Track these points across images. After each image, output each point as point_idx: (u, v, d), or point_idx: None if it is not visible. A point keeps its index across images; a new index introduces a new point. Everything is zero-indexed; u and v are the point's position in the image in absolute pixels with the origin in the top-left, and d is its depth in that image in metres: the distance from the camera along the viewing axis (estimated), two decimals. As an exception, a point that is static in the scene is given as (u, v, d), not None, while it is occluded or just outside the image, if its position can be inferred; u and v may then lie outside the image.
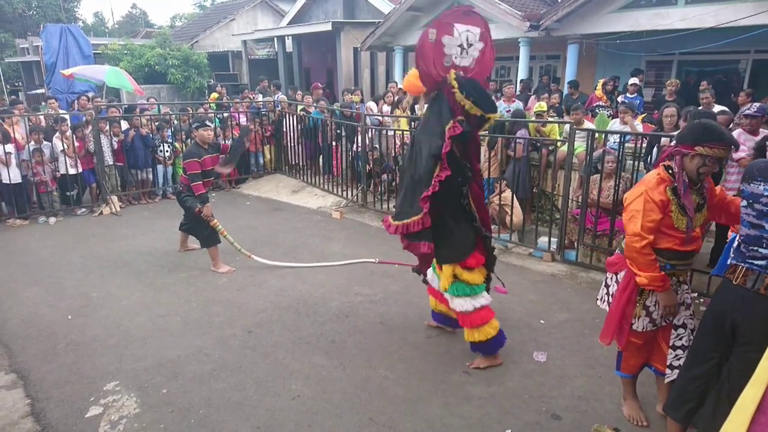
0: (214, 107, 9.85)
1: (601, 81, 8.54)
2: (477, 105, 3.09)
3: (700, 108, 5.62)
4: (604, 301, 2.92)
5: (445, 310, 3.69)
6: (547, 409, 3.04)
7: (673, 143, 2.58)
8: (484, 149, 6.36)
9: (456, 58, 3.14)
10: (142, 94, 10.87)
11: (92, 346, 3.79)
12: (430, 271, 3.75)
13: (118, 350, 3.72)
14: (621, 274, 2.75)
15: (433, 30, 3.06)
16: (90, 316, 4.26)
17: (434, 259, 3.55)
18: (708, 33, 8.18)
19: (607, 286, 2.90)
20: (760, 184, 2.10)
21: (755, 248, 2.14)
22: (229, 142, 6.74)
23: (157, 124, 8.16)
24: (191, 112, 9.14)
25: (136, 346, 3.78)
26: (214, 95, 11.11)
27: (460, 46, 3.13)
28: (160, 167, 8.20)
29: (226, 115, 9.12)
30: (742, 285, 2.17)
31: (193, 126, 5.73)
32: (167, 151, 8.14)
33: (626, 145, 5.13)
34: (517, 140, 6.08)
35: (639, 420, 2.88)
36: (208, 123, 5.27)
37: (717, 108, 5.76)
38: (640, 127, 5.97)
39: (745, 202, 2.18)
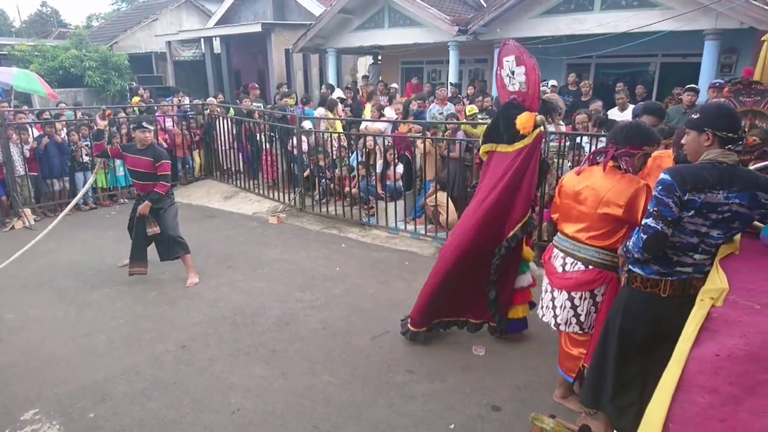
0: (137, 111, 9.34)
1: None
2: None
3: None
4: (570, 324, 2.78)
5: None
6: (488, 401, 3.13)
7: (610, 145, 2.65)
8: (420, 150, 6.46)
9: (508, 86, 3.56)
10: (56, 99, 10.13)
11: (8, 372, 3.48)
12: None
13: (38, 375, 3.44)
14: (600, 290, 2.70)
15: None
16: (5, 340, 3.91)
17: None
18: (621, 37, 8.76)
19: (574, 306, 2.75)
20: (718, 193, 2.04)
21: (690, 254, 2.16)
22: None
23: (71, 128, 7.64)
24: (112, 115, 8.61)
25: (59, 369, 3.51)
26: (136, 98, 10.55)
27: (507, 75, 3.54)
28: (78, 175, 7.65)
29: (151, 119, 8.68)
30: (671, 295, 2.21)
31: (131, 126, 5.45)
32: (84, 151, 7.62)
33: (551, 144, 5.41)
34: (458, 141, 6.22)
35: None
36: (145, 124, 4.85)
37: (631, 107, 6.17)
38: (562, 127, 6.28)
39: (692, 212, 2.08)
